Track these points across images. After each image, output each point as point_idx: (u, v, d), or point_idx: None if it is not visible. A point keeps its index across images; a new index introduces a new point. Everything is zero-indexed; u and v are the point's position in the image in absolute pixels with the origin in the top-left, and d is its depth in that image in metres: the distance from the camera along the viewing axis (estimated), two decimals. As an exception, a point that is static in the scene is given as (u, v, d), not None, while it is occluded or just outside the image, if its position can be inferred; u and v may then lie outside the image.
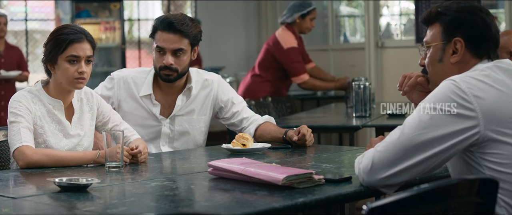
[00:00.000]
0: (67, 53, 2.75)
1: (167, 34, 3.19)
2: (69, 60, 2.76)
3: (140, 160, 2.72)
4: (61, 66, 2.76)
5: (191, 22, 3.23)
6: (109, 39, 8.77)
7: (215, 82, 3.40)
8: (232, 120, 3.40)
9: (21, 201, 2.09)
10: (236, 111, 3.39)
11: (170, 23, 3.18)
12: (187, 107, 3.33)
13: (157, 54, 3.24)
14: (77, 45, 2.76)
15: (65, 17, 8.45)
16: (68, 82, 2.78)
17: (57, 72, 2.79)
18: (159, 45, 3.21)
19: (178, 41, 3.19)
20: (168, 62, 3.20)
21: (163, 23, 3.20)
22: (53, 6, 8.83)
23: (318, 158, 2.83)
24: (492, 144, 2.00)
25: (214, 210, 1.89)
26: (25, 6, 8.83)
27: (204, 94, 3.36)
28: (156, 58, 3.24)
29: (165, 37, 3.20)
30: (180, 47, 3.20)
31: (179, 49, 3.20)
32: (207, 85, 3.37)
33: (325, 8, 9.11)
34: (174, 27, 3.18)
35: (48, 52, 2.78)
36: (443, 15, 2.18)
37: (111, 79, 3.36)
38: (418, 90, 2.33)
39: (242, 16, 9.61)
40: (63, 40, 2.75)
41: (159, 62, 3.23)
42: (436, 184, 1.72)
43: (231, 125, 3.43)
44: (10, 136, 2.71)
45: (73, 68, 2.76)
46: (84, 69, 2.77)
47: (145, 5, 9.68)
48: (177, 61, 3.21)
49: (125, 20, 8.85)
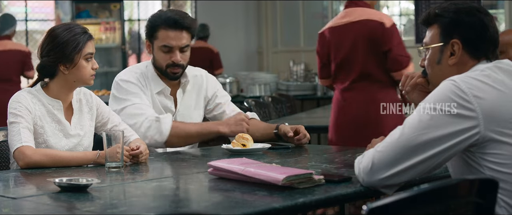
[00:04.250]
0: (85, 52, 2.79)
1: (173, 31, 3.17)
2: (86, 58, 2.80)
3: (141, 160, 2.73)
4: (79, 65, 2.79)
5: (190, 16, 3.25)
6: (109, 40, 8.77)
7: (204, 76, 3.41)
8: (214, 112, 3.39)
9: (21, 201, 2.09)
10: (219, 103, 3.39)
11: (176, 21, 3.17)
12: (185, 102, 3.33)
13: (161, 53, 3.20)
14: (90, 43, 2.82)
15: (65, 17, 8.46)
16: (85, 79, 2.82)
17: (71, 72, 2.79)
18: (166, 44, 3.18)
19: (185, 37, 3.19)
20: (178, 59, 3.19)
21: (168, 21, 3.17)
22: (53, 6, 8.83)
23: (318, 158, 2.83)
24: (492, 144, 2.00)
25: (214, 210, 1.89)
26: (25, 7, 8.83)
27: (196, 89, 3.37)
28: (161, 57, 3.21)
29: (173, 35, 3.17)
30: (188, 43, 3.21)
31: (186, 45, 3.21)
32: (197, 80, 3.38)
33: (325, 8, 9.11)
34: (181, 24, 3.17)
35: (62, 54, 2.76)
36: (440, 17, 2.18)
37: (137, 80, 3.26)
38: (419, 90, 2.33)
39: (242, 16, 9.61)
40: (81, 40, 2.78)
41: (165, 61, 3.20)
42: (436, 184, 1.72)
43: (213, 117, 3.41)
44: (10, 136, 2.71)
45: (89, 65, 2.81)
46: (97, 65, 2.85)
47: (145, 5, 9.69)
48: (183, 57, 3.22)
49: (125, 21, 8.85)
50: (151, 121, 3.11)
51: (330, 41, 4.22)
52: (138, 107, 3.15)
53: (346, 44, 4.17)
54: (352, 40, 4.15)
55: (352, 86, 4.19)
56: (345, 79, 4.21)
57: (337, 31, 4.21)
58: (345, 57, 4.18)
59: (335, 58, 4.22)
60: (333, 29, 4.23)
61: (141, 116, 3.13)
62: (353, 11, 4.20)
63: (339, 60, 4.20)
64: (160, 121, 3.11)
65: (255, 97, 7.03)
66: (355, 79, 4.17)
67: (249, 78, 8.29)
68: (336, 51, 4.21)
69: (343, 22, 4.20)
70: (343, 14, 4.25)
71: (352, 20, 4.17)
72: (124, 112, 3.14)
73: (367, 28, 4.12)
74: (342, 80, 4.23)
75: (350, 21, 4.17)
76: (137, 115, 3.12)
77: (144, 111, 3.14)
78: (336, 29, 4.21)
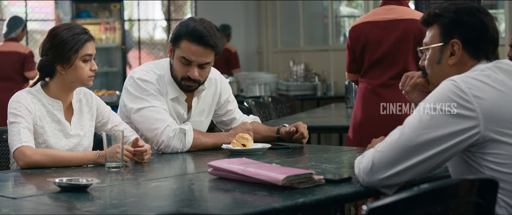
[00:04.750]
0: (83, 53, 2.78)
1: (196, 46, 3.02)
2: (84, 60, 2.79)
3: (145, 159, 2.72)
4: (76, 65, 2.78)
5: (219, 33, 3.09)
6: (109, 40, 8.77)
7: (218, 80, 3.34)
8: (224, 117, 3.37)
9: (21, 201, 2.09)
10: (230, 109, 3.37)
11: (201, 37, 3.01)
12: (199, 108, 3.29)
13: (180, 63, 3.08)
14: (89, 44, 2.80)
15: (65, 17, 8.46)
16: (82, 80, 2.81)
17: (68, 72, 2.79)
18: (186, 57, 3.05)
19: (208, 55, 3.05)
20: (194, 75, 3.07)
21: (194, 35, 3.02)
22: (53, 6, 8.83)
23: (318, 158, 2.83)
24: (492, 144, 2.00)
25: (214, 210, 1.89)
26: (25, 7, 8.83)
27: (210, 93, 3.30)
28: (179, 67, 3.09)
29: (195, 50, 3.03)
30: (208, 61, 3.08)
31: (206, 63, 3.08)
32: (212, 84, 3.30)
33: (325, 9, 9.12)
34: (207, 42, 3.01)
35: (59, 54, 2.76)
36: (440, 17, 2.18)
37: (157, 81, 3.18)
38: (419, 90, 2.33)
39: (242, 16, 9.61)
40: (78, 41, 2.76)
41: (182, 73, 3.09)
42: (436, 184, 1.72)
43: (221, 122, 3.39)
44: (10, 137, 2.71)
45: (87, 67, 2.80)
46: (96, 67, 2.84)
47: (145, 5, 9.69)
48: (202, 73, 3.09)
49: (125, 21, 8.85)
50: (175, 131, 3.04)
51: (368, 35, 4.08)
52: (158, 111, 3.07)
53: (390, 40, 4.09)
54: (398, 37, 4.07)
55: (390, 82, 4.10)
56: (381, 75, 4.11)
57: (381, 26, 4.09)
58: (386, 52, 4.09)
59: (374, 52, 4.09)
60: (374, 24, 4.10)
61: (163, 122, 3.05)
62: (397, 9, 4.14)
63: (378, 56, 4.08)
64: (185, 133, 3.03)
65: (255, 97, 7.02)
66: (394, 76, 4.10)
67: (249, 78, 8.29)
68: (376, 46, 4.07)
69: (388, 18, 4.13)
70: (384, 10, 4.13)
71: (398, 18, 4.11)
72: (142, 114, 3.07)
73: (415, 27, 4.08)
74: (377, 76, 4.10)
75: (396, 18, 4.11)
76: (158, 120, 3.04)
77: (164, 116, 3.07)
78: (379, 24, 4.09)
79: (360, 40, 4.13)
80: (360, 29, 4.15)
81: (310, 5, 9.26)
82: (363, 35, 4.12)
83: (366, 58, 4.14)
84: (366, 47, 4.13)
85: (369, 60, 4.13)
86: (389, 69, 4.09)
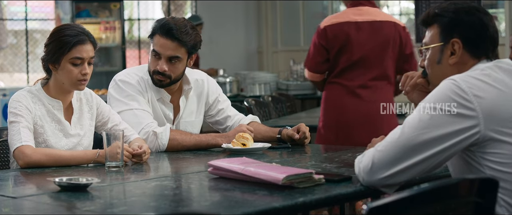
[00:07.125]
0: (71, 55, 2.75)
1: (164, 39, 3.09)
2: (72, 63, 2.75)
3: (144, 160, 2.72)
4: (64, 67, 2.76)
5: (191, 30, 3.12)
6: (109, 39, 8.77)
7: (204, 81, 3.36)
8: (216, 117, 3.38)
9: (21, 201, 2.09)
10: (221, 108, 3.38)
11: (169, 30, 3.08)
12: (188, 109, 3.31)
13: (152, 57, 3.15)
14: (81, 47, 2.75)
15: (65, 17, 8.46)
16: (71, 83, 2.79)
17: (59, 73, 2.78)
18: (155, 49, 3.12)
19: (175, 48, 3.10)
20: (162, 68, 3.11)
21: (163, 28, 3.10)
22: (53, 6, 8.83)
23: (318, 158, 2.83)
24: (492, 144, 2.00)
25: (214, 210, 1.89)
26: (25, 6, 8.83)
27: (197, 93, 3.33)
28: (151, 61, 3.16)
29: (162, 43, 3.10)
30: (176, 55, 3.11)
31: (174, 57, 3.11)
32: (198, 85, 3.33)
33: (325, 8, 9.12)
34: (173, 35, 3.08)
35: (51, 53, 2.77)
36: (440, 17, 2.18)
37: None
38: (419, 90, 2.33)
39: (242, 16, 9.61)
40: (67, 42, 2.74)
41: (153, 66, 3.15)
42: (436, 184, 1.73)
43: (215, 122, 3.40)
44: (10, 136, 2.71)
45: (76, 70, 2.76)
46: (87, 71, 2.78)
47: (145, 5, 9.69)
48: (172, 68, 3.12)
49: (125, 20, 8.85)
50: (148, 133, 3.07)
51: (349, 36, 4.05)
52: (134, 114, 3.10)
53: (373, 42, 4.06)
54: (381, 39, 4.05)
55: (370, 84, 4.09)
56: (360, 76, 4.08)
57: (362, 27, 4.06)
58: (368, 54, 4.06)
59: (354, 53, 4.06)
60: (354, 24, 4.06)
61: (138, 125, 3.08)
62: (371, 10, 4.10)
63: (358, 57, 4.06)
64: (157, 135, 3.06)
65: (255, 96, 7.02)
66: (374, 77, 4.09)
67: (249, 77, 8.29)
68: (358, 47, 4.06)
69: (367, 19, 4.08)
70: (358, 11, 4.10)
71: (377, 19, 4.07)
72: (121, 117, 3.08)
73: (394, 30, 4.07)
74: (355, 77, 4.08)
75: (375, 20, 4.08)
76: (135, 124, 3.07)
77: (141, 118, 3.09)
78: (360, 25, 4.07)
79: (338, 39, 4.09)
80: (339, 28, 4.10)
81: (310, 5, 9.26)
82: (343, 35, 4.08)
83: (344, 58, 4.10)
84: (345, 48, 4.09)
85: (347, 61, 4.10)
86: (368, 71, 4.08)
